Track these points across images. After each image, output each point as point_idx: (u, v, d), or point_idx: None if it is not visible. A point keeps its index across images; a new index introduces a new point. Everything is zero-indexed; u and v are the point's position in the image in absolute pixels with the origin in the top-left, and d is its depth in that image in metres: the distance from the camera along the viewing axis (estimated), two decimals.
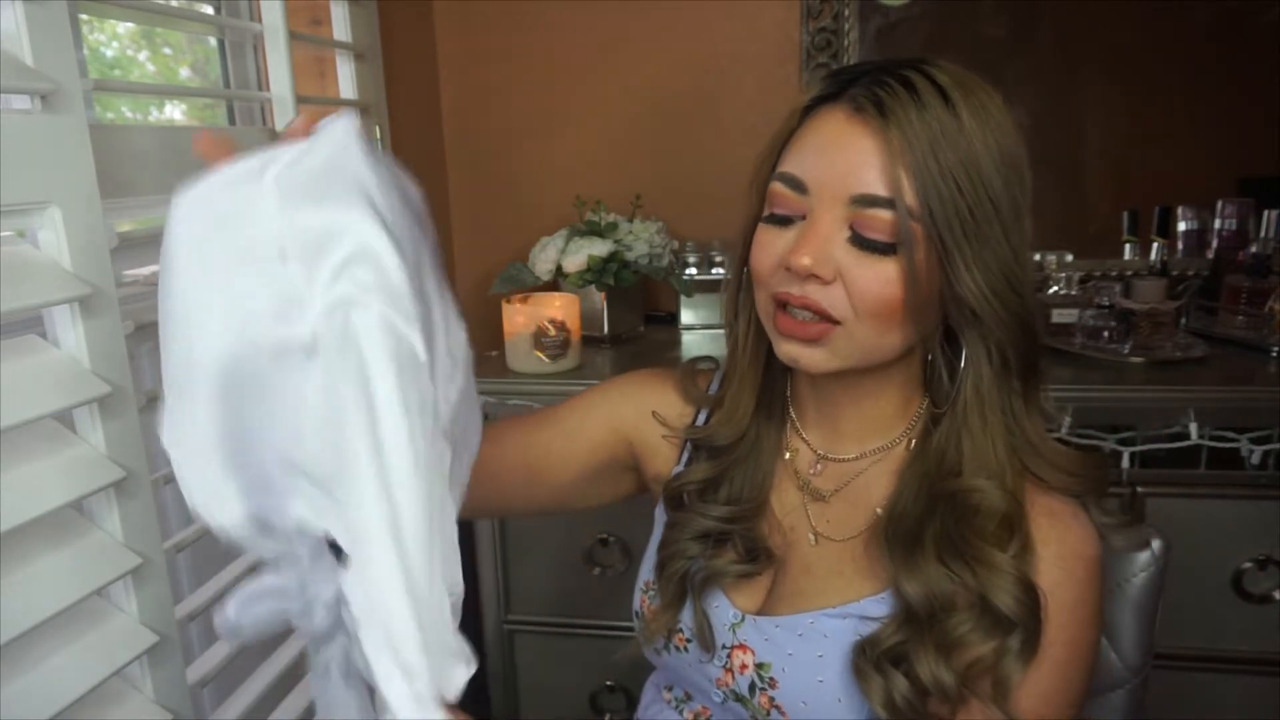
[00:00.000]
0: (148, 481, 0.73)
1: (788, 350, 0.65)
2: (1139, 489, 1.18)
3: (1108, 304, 1.38)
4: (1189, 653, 1.20)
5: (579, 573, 1.35)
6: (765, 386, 0.75)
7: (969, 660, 0.61)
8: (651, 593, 0.77)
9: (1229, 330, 1.40)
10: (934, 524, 0.64)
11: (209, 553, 0.94)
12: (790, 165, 0.64)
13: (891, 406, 0.71)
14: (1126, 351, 1.32)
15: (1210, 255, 1.55)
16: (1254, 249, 1.43)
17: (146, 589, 0.73)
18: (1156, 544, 0.82)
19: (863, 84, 0.62)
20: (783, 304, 0.64)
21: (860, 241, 0.61)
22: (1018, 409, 0.65)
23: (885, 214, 0.60)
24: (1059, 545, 0.63)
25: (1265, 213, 1.47)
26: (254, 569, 0.92)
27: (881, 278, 0.61)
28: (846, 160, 0.61)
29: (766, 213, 0.66)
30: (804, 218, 0.63)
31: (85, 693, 0.64)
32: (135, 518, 0.71)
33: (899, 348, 0.65)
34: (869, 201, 0.60)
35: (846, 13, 1.58)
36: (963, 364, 0.65)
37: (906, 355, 0.68)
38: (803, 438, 0.75)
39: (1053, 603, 0.62)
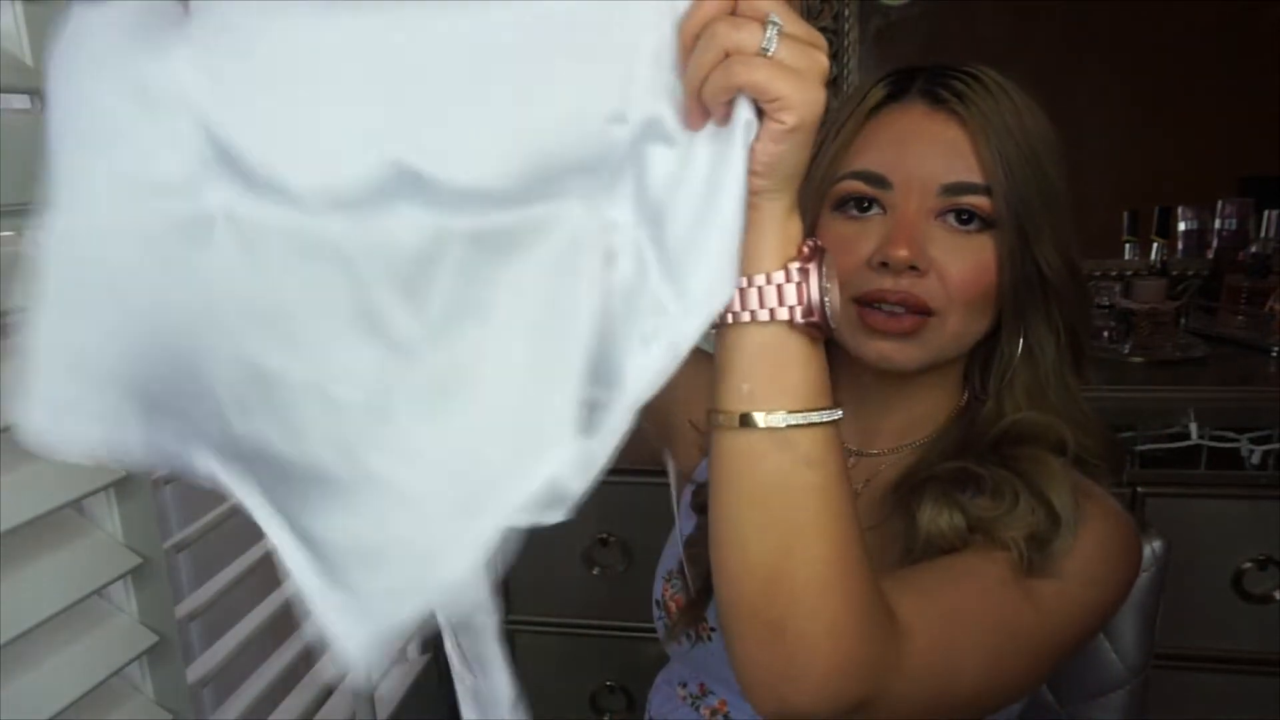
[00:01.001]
0: (148, 481, 0.73)
1: (878, 349, 0.64)
2: (1139, 489, 1.18)
3: (1108, 304, 1.38)
4: (1189, 653, 1.20)
5: (579, 573, 1.35)
6: None
7: (988, 535, 0.58)
8: (675, 582, 0.77)
9: (1229, 330, 1.40)
10: (964, 463, 0.63)
11: (209, 553, 0.94)
12: (866, 163, 0.64)
13: (934, 401, 0.70)
14: (1126, 351, 1.32)
15: (1210, 255, 1.55)
16: (1254, 249, 1.43)
17: (146, 589, 0.73)
18: (1156, 544, 0.82)
19: (928, 80, 0.64)
20: (869, 303, 0.63)
21: (953, 229, 0.62)
22: (1072, 384, 0.67)
23: (980, 200, 0.61)
24: (1100, 501, 0.62)
25: (1265, 213, 1.47)
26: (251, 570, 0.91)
27: (975, 263, 0.62)
28: (933, 151, 0.62)
29: (834, 207, 0.65)
30: (883, 212, 0.63)
31: (85, 693, 0.64)
32: (135, 518, 0.71)
33: (979, 336, 0.66)
34: (963, 189, 0.61)
35: (846, 13, 1.58)
36: (1020, 349, 0.66)
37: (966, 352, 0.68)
38: None
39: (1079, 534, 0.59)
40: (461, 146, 0.39)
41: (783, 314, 0.45)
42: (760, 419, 0.45)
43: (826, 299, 0.45)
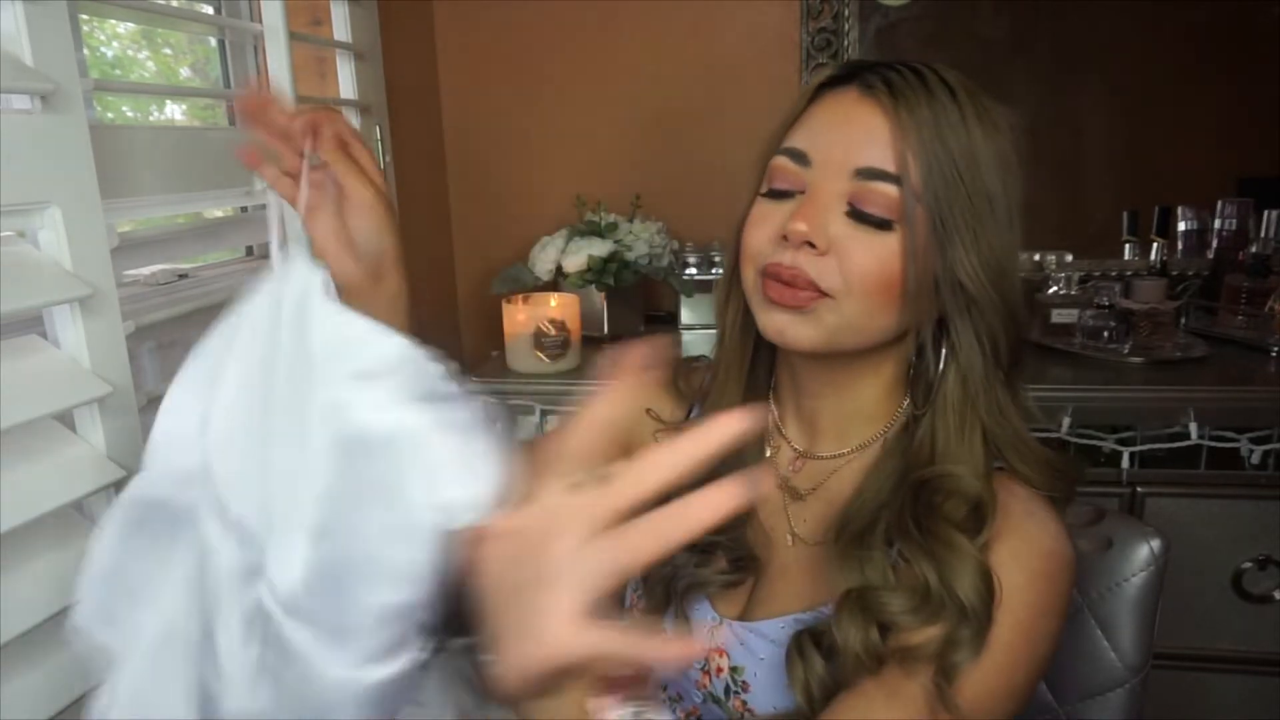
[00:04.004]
0: None
1: (774, 322, 0.64)
2: (1139, 489, 1.18)
3: (1107, 304, 1.38)
4: (1189, 652, 1.20)
5: None
6: (750, 384, 0.74)
7: (902, 645, 0.58)
8: (639, 588, 0.77)
9: (1229, 330, 1.40)
10: (892, 511, 0.62)
11: None
12: (795, 141, 0.65)
13: (871, 403, 0.70)
14: (1126, 351, 1.32)
15: (1210, 255, 1.55)
16: (1254, 249, 1.43)
17: None
18: (1156, 544, 0.82)
19: (874, 69, 0.63)
20: (771, 277, 0.63)
21: (859, 215, 0.61)
22: (1004, 400, 0.65)
23: (889, 188, 0.60)
24: (1026, 542, 0.61)
25: (1265, 213, 1.47)
26: None
27: (877, 254, 0.61)
28: (853, 134, 0.62)
29: (765, 189, 0.66)
30: (803, 193, 0.64)
31: (85, 693, 0.64)
32: None
33: (889, 331, 0.65)
34: (873, 175, 0.61)
35: (846, 13, 1.59)
36: (944, 357, 0.65)
37: (892, 350, 0.67)
38: (783, 435, 0.75)
39: (1011, 595, 0.59)
40: None
41: None
42: None
43: None
